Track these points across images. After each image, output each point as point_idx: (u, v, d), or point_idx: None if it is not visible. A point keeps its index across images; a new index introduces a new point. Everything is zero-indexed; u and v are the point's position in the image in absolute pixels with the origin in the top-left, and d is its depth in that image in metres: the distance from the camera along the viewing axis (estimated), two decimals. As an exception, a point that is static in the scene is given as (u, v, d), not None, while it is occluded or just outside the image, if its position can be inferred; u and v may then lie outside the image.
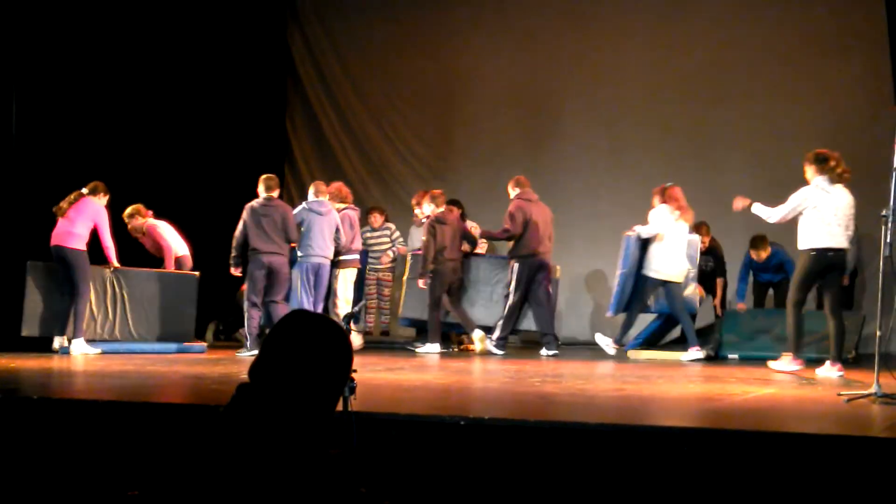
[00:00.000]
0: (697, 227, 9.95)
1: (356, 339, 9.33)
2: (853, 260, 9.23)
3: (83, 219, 8.65)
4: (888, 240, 5.35)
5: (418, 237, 11.05)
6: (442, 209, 9.62)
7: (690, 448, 3.86)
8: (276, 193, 8.91)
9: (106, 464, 4.41)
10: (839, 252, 7.18)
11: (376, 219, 10.93)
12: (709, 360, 8.91)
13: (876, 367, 5.32)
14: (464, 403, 5.51)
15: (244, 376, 2.25)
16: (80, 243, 8.60)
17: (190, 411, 4.74)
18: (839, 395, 5.45)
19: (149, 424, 4.57)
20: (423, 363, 8.25)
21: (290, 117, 12.77)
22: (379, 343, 10.70)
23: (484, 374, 7.06)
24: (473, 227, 11.03)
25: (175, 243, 9.65)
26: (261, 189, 8.88)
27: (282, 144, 12.67)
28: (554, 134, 11.51)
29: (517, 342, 11.39)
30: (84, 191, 8.79)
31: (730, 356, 9.27)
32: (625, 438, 4.01)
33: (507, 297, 9.43)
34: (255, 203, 8.82)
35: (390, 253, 10.88)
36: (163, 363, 7.69)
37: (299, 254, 9.02)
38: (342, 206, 9.62)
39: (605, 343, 9.28)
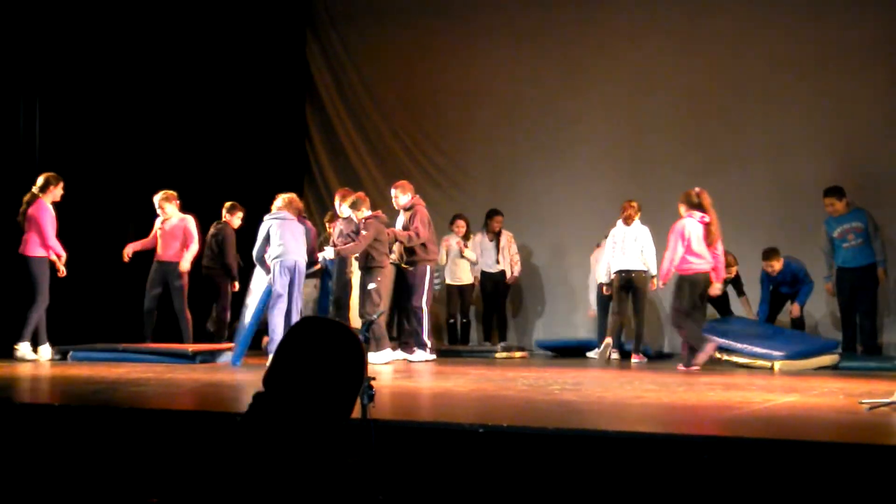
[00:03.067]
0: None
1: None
2: (880, 253, 9.29)
3: (34, 224, 8.70)
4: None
5: (456, 250, 10.99)
6: (370, 211, 9.23)
7: (711, 456, 3.84)
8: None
9: (126, 471, 4.43)
10: (631, 272, 9.56)
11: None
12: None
13: (898, 375, 5.27)
14: (482, 411, 5.50)
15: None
16: (35, 250, 8.67)
17: (210, 419, 4.76)
18: (860, 402, 5.41)
19: (168, 432, 4.59)
20: (443, 371, 8.23)
21: (308, 129, 12.80)
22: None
23: (503, 382, 7.05)
24: (510, 238, 11.00)
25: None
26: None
27: (300, 155, 12.70)
28: (571, 142, 11.49)
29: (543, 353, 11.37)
30: (34, 190, 8.80)
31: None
32: (645, 447, 4.00)
33: (420, 305, 9.28)
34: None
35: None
36: (183, 370, 7.73)
37: (274, 257, 8.58)
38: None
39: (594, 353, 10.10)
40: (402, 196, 9.44)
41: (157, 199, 9.69)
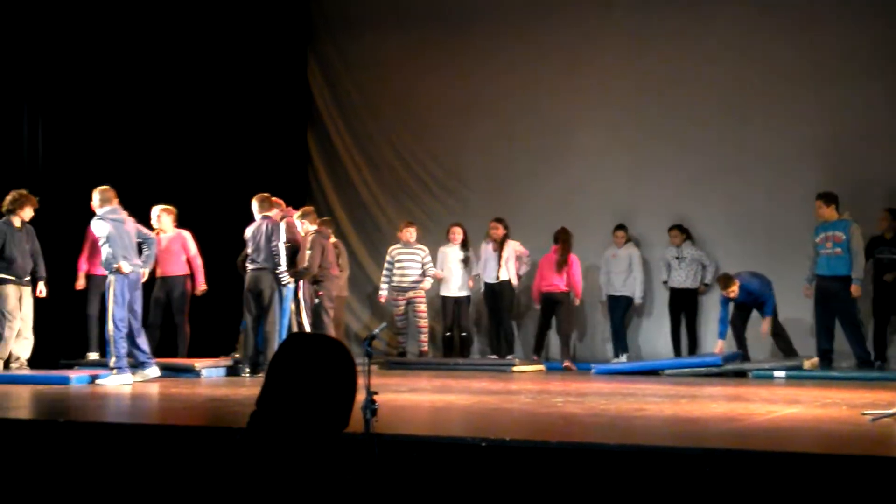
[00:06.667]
0: (891, 212, 9.78)
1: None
2: (858, 269, 9.25)
3: None
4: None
5: (452, 259, 11.01)
6: (316, 225, 9.53)
7: (712, 469, 3.84)
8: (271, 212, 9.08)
9: (130, 486, 4.44)
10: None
11: (410, 234, 10.88)
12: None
13: (901, 386, 5.27)
14: (485, 424, 5.51)
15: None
16: None
17: (214, 434, 4.77)
18: (863, 414, 5.41)
19: (171, 447, 4.60)
20: (446, 384, 8.23)
21: (309, 148, 12.79)
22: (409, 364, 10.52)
23: (506, 395, 7.05)
24: (515, 248, 10.96)
25: None
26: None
27: (301, 175, 12.68)
28: (570, 153, 11.51)
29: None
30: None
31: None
32: (647, 459, 4.00)
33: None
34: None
35: (421, 276, 10.80)
36: (187, 385, 7.74)
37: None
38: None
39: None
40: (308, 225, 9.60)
41: (155, 211, 9.57)
